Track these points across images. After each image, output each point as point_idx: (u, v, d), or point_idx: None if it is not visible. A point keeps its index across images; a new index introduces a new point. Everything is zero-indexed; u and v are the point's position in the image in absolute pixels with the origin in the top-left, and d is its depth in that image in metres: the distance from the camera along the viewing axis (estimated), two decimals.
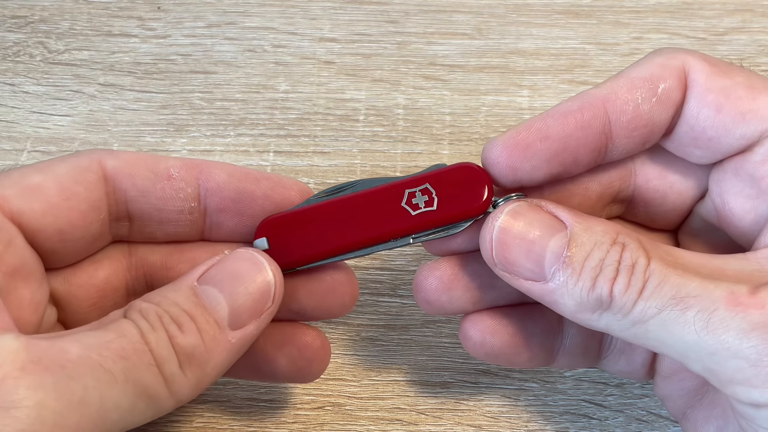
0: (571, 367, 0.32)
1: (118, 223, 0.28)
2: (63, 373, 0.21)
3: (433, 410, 0.33)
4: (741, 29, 0.45)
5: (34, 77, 0.43)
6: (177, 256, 0.29)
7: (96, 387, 0.22)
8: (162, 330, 0.24)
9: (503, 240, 0.26)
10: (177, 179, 0.28)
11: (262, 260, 0.26)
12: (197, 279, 0.26)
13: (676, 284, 0.24)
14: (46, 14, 0.46)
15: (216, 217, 0.28)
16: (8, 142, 0.41)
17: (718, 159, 0.27)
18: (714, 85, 0.26)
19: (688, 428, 0.29)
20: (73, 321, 0.28)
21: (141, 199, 0.27)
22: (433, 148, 0.41)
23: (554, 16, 0.46)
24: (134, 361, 0.23)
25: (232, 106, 0.42)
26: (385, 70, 0.44)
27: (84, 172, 0.26)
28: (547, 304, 0.26)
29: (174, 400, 0.24)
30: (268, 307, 0.26)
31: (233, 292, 0.26)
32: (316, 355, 0.29)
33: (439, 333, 0.35)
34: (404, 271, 0.37)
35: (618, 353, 0.30)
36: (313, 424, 0.32)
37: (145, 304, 0.25)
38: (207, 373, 0.25)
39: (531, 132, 0.26)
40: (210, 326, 0.25)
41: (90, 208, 0.26)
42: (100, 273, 0.28)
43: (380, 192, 0.28)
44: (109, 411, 0.22)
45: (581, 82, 0.43)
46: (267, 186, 0.28)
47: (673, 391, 0.29)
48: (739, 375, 0.23)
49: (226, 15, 0.46)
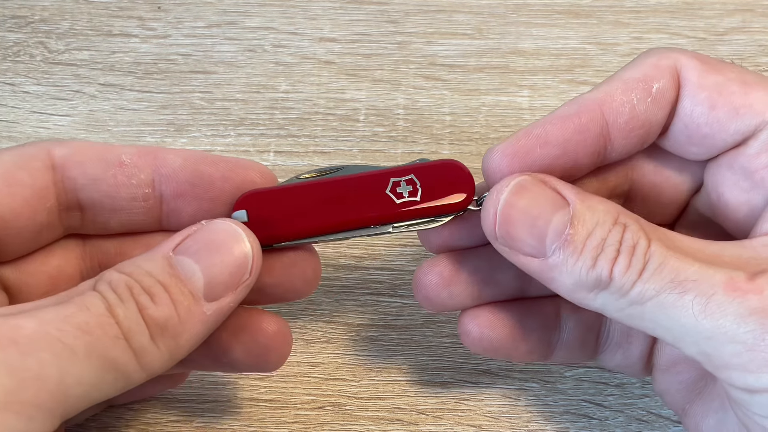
0: (568, 361, 0.32)
1: (70, 213, 0.27)
2: (15, 350, 0.21)
3: (433, 410, 0.33)
4: (741, 29, 0.45)
5: (35, 77, 0.43)
6: (132, 240, 0.29)
7: (53, 362, 0.21)
8: (131, 302, 0.23)
9: (507, 213, 0.26)
10: (129, 165, 0.27)
11: (239, 231, 0.26)
12: (173, 249, 0.25)
13: (675, 267, 0.24)
14: (46, 14, 0.46)
15: (173, 204, 0.28)
16: (8, 142, 0.41)
17: (713, 155, 0.28)
18: (706, 82, 0.27)
19: (689, 424, 0.29)
20: None
21: (91, 187, 0.27)
22: (433, 148, 0.41)
23: (554, 16, 0.46)
24: (98, 335, 0.22)
25: (232, 106, 0.42)
26: (385, 70, 0.44)
27: (30, 159, 0.26)
28: (544, 281, 0.26)
29: (145, 373, 0.24)
30: (245, 280, 0.26)
31: (209, 263, 0.25)
32: (272, 341, 0.28)
33: (439, 333, 0.35)
34: (404, 271, 0.37)
35: (615, 347, 0.31)
36: (313, 424, 0.32)
37: (116, 275, 0.24)
38: (180, 345, 0.24)
39: (530, 139, 0.27)
40: (185, 297, 0.24)
41: (34, 195, 0.26)
42: (52, 261, 0.28)
43: (366, 177, 0.28)
44: (71, 386, 0.22)
45: (581, 82, 0.43)
46: (225, 167, 0.27)
47: (671, 384, 0.29)
48: (735, 360, 0.23)
49: (227, 15, 0.46)
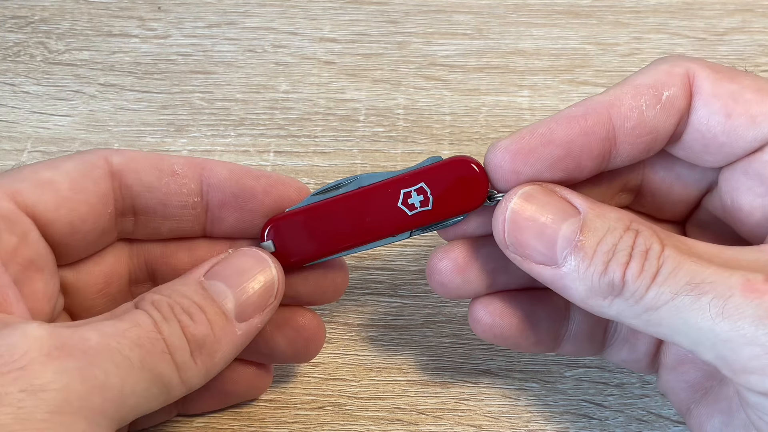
0: (575, 354, 0.32)
1: (124, 218, 0.29)
2: (85, 359, 0.22)
3: (433, 410, 0.33)
4: (741, 29, 0.45)
5: (35, 77, 0.43)
6: (176, 242, 0.30)
7: (115, 372, 0.23)
8: (174, 320, 0.25)
9: (516, 222, 0.26)
10: (181, 175, 0.28)
11: (265, 257, 0.28)
12: (203, 275, 0.27)
13: (690, 270, 0.24)
14: (46, 14, 0.46)
15: (217, 213, 0.29)
16: (9, 142, 0.41)
17: (729, 162, 0.27)
18: (721, 90, 0.26)
19: (693, 424, 0.29)
20: (80, 309, 0.29)
21: (146, 194, 0.28)
22: (433, 149, 0.41)
23: (554, 16, 0.46)
24: (149, 349, 0.24)
25: (232, 107, 0.42)
26: (385, 70, 0.44)
27: (92, 167, 0.27)
28: (557, 289, 0.26)
29: (185, 387, 0.25)
30: (271, 302, 0.27)
31: (239, 287, 0.27)
32: (312, 335, 0.31)
33: (439, 333, 0.35)
34: (404, 271, 0.37)
35: (622, 342, 0.30)
36: (313, 424, 0.32)
37: (157, 296, 0.26)
38: (215, 362, 0.26)
39: (534, 137, 0.26)
40: (219, 317, 0.26)
41: (99, 201, 0.27)
42: (106, 260, 0.29)
43: (376, 191, 0.28)
44: (128, 396, 0.23)
45: (581, 82, 0.43)
46: (266, 183, 0.29)
47: (677, 384, 0.29)
48: (754, 362, 0.23)
49: (227, 15, 0.46)
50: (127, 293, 0.30)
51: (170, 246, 0.30)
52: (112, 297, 0.29)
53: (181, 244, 0.30)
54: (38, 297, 0.26)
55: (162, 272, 0.30)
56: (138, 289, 0.30)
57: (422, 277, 0.36)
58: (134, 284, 0.30)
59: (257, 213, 0.29)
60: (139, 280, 0.30)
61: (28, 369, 0.22)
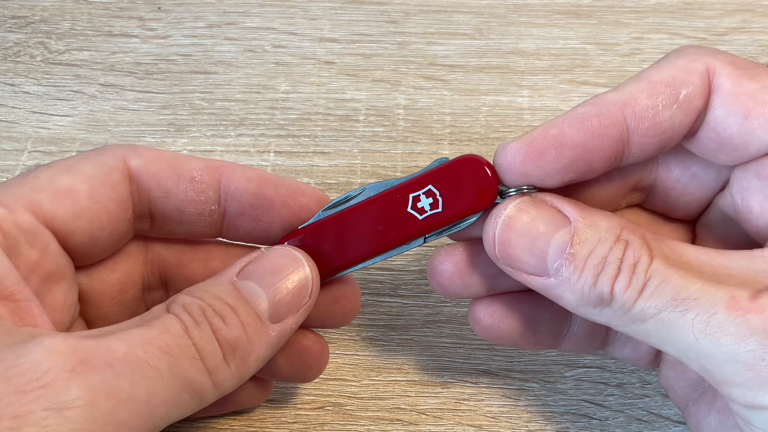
0: (576, 351, 0.32)
1: (141, 221, 0.28)
2: (111, 372, 0.22)
3: (433, 410, 0.33)
4: (741, 29, 0.45)
5: (35, 77, 0.43)
6: (191, 252, 0.30)
7: (143, 384, 0.22)
8: (206, 323, 0.24)
9: (505, 237, 0.26)
10: (199, 182, 0.28)
11: (299, 256, 0.27)
12: (236, 275, 0.26)
13: (677, 285, 0.24)
14: (46, 14, 0.46)
15: (234, 220, 0.29)
16: (9, 142, 0.41)
17: (742, 162, 0.27)
18: (741, 90, 0.26)
19: (691, 421, 0.29)
20: (95, 315, 0.29)
21: (164, 200, 0.28)
22: (433, 149, 0.41)
23: (554, 16, 0.46)
24: (178, 356, 0.23)
25: (232, 107, 0.42)
26: (385, 70, 0.44)
27: (110, 172, 0.27)
28: (550, 297, 0.26)
29: (218, 392, 0.25)
30: (306, 303, 0.27)
31: (273, 287, 0.26)
32: (315, 359, 0.30)
33: (439, 333, 0.35)
34: (404, 271, 0.37)
35: (624, 339, 0.30)
36: (313, 424, 0.32)
37: (189, 299, 0.25)
38: (249, 365, 0.25)
39: (546, 139, 0.26)
40: (252, 318, 0.25)
41: (118, 208, 0.27)
42: (121, 267, 0.29)
43: (386, 198, 0.28)
44: (157, 406, 0.23)
45: (581, 82, 0.43)
46: (286, 194, 0.28)
47: (677, 381, 0.29)
48: (735, 378, 0.23)
49: (227, 15, 0.46)
50: (141, 300, 0.30)
51: (185, 255, 0.30)
52: (126, 304, 0.29)
53: (195, 252, 0.30)
54: (58, 307, 0.26)
55: (175, 279, 0.30)
56: (151, 296, 0.30)
57: (422, 277, 0.36)
58: (147, 291, 0.30)
59: (274, 224, 0.29)
60: (152, 287, 0.30)
61: (52, 387, 0.21)
